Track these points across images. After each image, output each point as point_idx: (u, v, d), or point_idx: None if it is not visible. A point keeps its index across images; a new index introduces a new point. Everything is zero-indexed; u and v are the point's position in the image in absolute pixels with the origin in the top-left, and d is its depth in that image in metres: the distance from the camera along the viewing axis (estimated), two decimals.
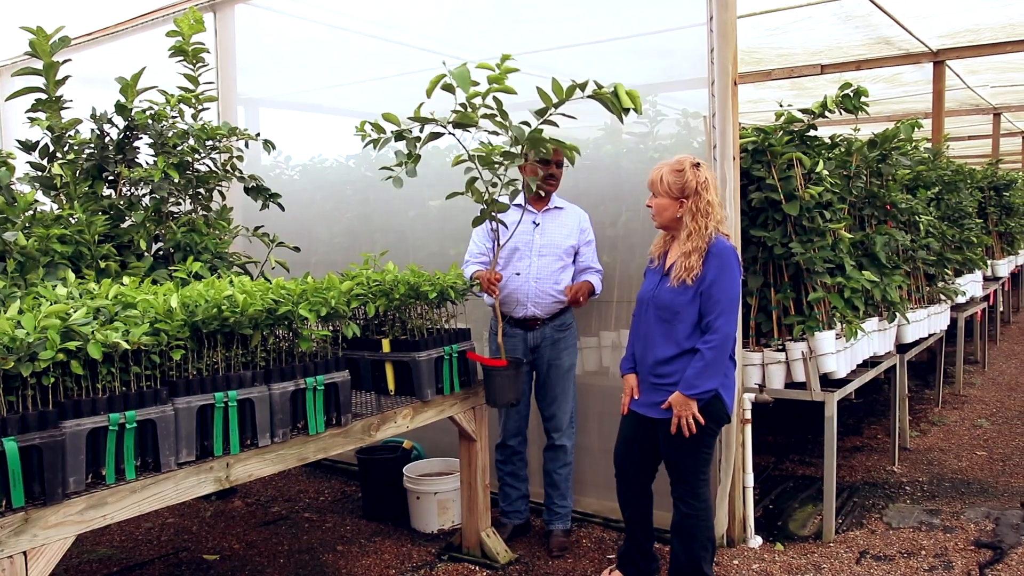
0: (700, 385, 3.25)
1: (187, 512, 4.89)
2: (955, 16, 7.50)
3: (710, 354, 3.24)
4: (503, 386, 3.77)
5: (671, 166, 3.37)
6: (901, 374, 5.39)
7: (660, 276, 3.44)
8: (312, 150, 6.04)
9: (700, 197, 3.31)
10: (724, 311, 3.25)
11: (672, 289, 3.33)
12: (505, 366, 3.77)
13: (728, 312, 3.26)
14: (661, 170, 3.38)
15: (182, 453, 2.77)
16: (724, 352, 3.28)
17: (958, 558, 3.98)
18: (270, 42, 6.09)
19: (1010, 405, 6.96)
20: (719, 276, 3.25)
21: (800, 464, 5.61)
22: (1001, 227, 9.26)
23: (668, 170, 3.36)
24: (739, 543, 4.15)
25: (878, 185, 5.22)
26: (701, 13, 3.92)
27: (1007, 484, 5.03)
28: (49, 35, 3.82)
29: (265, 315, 2.99)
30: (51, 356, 2.38)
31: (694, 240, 3.30)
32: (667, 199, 3.36)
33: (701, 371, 3.25)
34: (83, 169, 3.82)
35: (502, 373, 3.76)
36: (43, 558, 2.40)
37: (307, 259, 5.54)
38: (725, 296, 3.25)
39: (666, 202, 3.37)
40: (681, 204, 3.34)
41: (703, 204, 3.31)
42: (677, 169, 3.35)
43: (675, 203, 3.35)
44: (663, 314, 3.36)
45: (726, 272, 3.27)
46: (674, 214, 3.37)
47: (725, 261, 3.28)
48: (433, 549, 4.25)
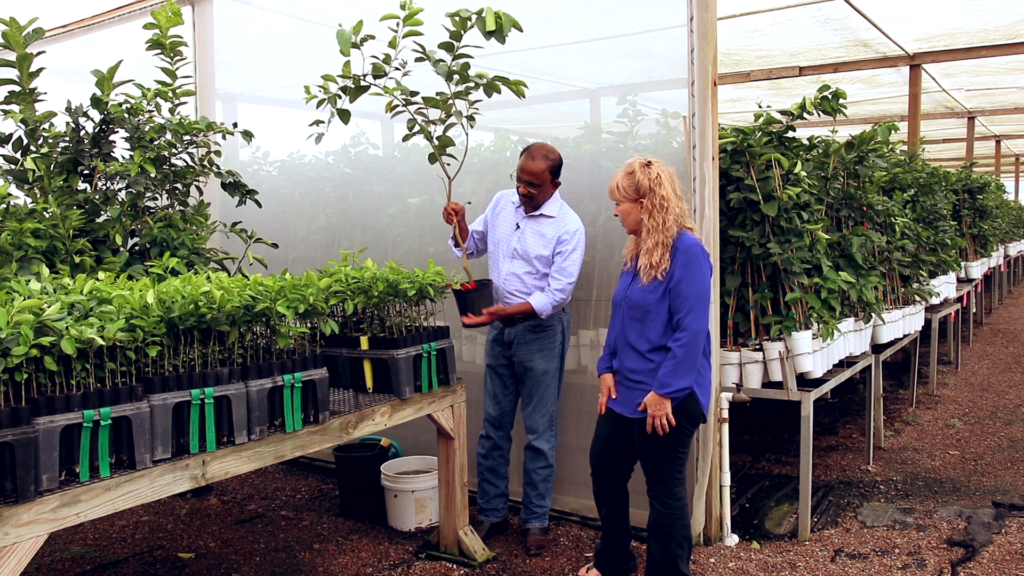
0: (673, 383, 3.26)
1: (162, 510, 4.85)
2: (931, 20, 7.59)
3: (681, 352, 3.26)
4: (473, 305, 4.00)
5: (623, 171, 3.43)
6: (876, 374, 5.44)
7: (632, 277, 3.46)
8: (291, 146, 6.01)
9: (654, 193, 3.34)
10: (692, 308, 3.26)
11: (643, 288, 3.35)
12: (474, 288, 3.99)
13: (697, 308, 3.27)
14: (616, 178, 3.44)
15: (158, 450, 2.74)
16: (695, 349, 3.28)
17: (931, 556, 4.02)
18: (249, 37, 6.05)
19: (982, 405, 7.05)
20: (685, 273, 3.27)
21: (776, 463, 5.65)
22: (975, 230, 9.38)
23: (621, 175, 3.41)
24: (716, 541, 4.17)
25: (855, 187, 5.26)
26: (682, 14, 3.93)
27: (979, 483, 5.09)
28: (23, 26, 3.76)
29: (242, 312, 2.96)
30: (24, 352, 2.35)
31: (654, 236, 3.33)
32: (628, 203, 3.41)
33: (673, 369, 3.27)
34: (58, 163, 3.77)
35: (469, 295, 3.98)
36: (14, 556, 2.37)
37: (285, 256, 5.52)
38: (693, 292, 3.27)
39: (628, 206, 3.42)
40: (640, 204, 3.38)
41: (657, 200, 3.34)
42: (628, 172, 3.40)
43: (635, 205, 3.39)
44: (635, 313, 3.38)
45: (692, 268, 3.28)
46: (637, 216, 3.40)
47: (691, 257, 3.29)
48: (410, 547, 4.24)
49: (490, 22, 3.43)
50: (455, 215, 4.07)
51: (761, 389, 4.30)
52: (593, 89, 5.01)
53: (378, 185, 5.40)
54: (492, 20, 3.43)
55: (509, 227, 4.14)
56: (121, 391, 2.63)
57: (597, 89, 4.99)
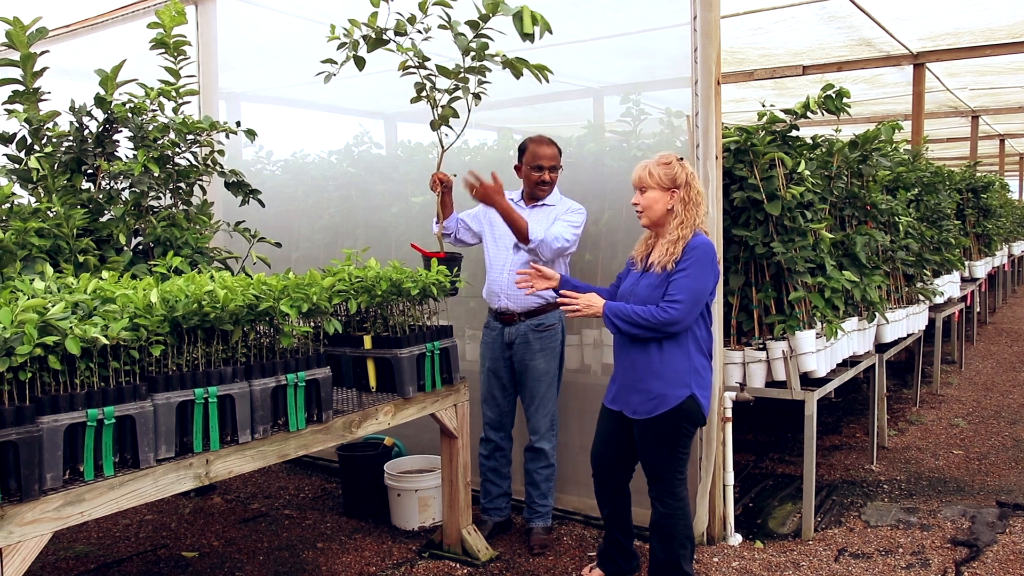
0: (616, 319, 3.28)
1: (166, 509, 4.85)
2: (935, 19, 7.57)
3: (646, 319, 3.22)
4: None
5: (657, 160, 3.38)
6: (880, 373, 5.43)
7: (640, 275, 3.43)
8: (294, 145, 6.01)
9: (691, 187, 3.34)
10: (684, 299, 3.20)
11: (650, 284, 3.33)
12: (442, 256, 3.91)
13: (687, 302, 3.21)
14: (647, 166, 3.38)
15: (161, 449, 2.74)
16: (655, 330, 3.23)
17: (935, 556, 4.02)
18: (252, 36, 6.05)
19: (986, 405, 7.04)
20: (689, 268, 3.24)
21: (780, 462, 5.65)
22: (979, 229, 9.36)
23: (655, 163, 3.37)
24: (719, 541, 4.17)
25: (859, 186, 5.26)
26: (685, 13, 3.92)
27: (983, 483, 5.08)
28: (26, 26, 3.77)
29: (246, 311, 2.97)
30: (28, 351, 2.35)
31: (683, 228, 3.30)
32: (659, 191, 3.34)
33: (630, 316, 3.25)
34: (61, 162, 3.78)
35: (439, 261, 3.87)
36: (19, 555, 2.37)
37: (289, 255, 5.52)
38: (690, 287, 3.22)
39: (657, 194, 3.35)
40: (673, 194, 3.34)
41: (693, 193, 3.34)
42: (665, 162, 3.36)
43: (667, 194, 3.35)
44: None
45: (698, 267, 3.25)
46: (665, 205, 3.34)
47: (701, 258, 3.26)
48: (414, 546, 4.24)
49: (527, 23, 3.37)
50: (440, 184, 4.03)
51: (765, 388, 4.29)
52: (596, 88, 5.01)
53: (381, 184, 5.40)
54: (529, 21, 3.36)
55: None
56: (125, 390, 2.64)
57: (600, 88, 4.99)
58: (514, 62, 3.62)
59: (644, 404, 3.33)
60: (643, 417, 3.34)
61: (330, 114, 6.18)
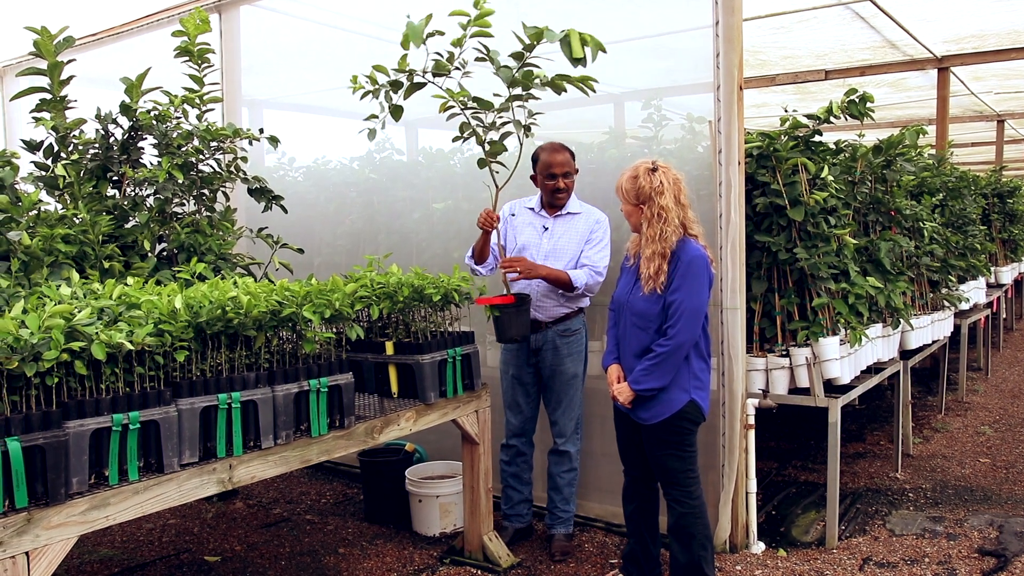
0: (644, 383, 3.30)
1: (189, 513, 4.88)
2: (960, 21, 7.49)
3: (659, 358, 3.26)
4: (506, 322, 3.84)
5: (629, 172, 3.37)
6: (905, 380, 5.38)
7: (635, 279, 3.43)
8: (316, 152, 6.04)
9: (653, 202, 3.28)
10: (681, 320, 3.23)
11: (645, 298, 3.33)
12: (512, 302, 3.82)
13: (685, 321, 3.23)
14: (620, 179, 3.40)
15: (185, 454, 2.76)
16: (674, 357, 3.27)
17: (962, 566, 3.96)
18: (275, 43, 6.09)
19: (1013, 412, 6.94)
20: (682, 285, 3.24)
21: (803, 470, 5.60)
22: (1005, 234, 9.24)
23: (626, 177, 3.37)
24: (742, 549, 4.13)
25: (883, 191, 5.21)
26: (707, 17, 3.91)
27: (1011, 491, 5.01)
28: (53, 35, 3.82)
29: (269, 317, 2.98)
30: (55, 356, 2.37)
31: (651, 245, 3.29)
32: (629, 206, 3.38)
33: (648, 370, 3.29)
34: (87, 169, 3.82)
35: (506, 310, 3.82)
36: (45, 558, 2.39)
37: (311, 261, 5.55)
38: (685, 306, 3.23)
39: (628, 208, 3.39)
40: (640, 209, 3.34)
41: (656, 209, 3.28)
42: (632, 176, 3.35)
43: (636, 209, 3.36)
44: (638, 321, 3.37)
45: (689, 280, 3.25)
46: (638, 219, 3.37)
47: (690, 269, 3.25)
48: (435, 552, 4.24)
49: (576, 48, 3.17)
50: (496, 222, 3.91)
51: (788, 395, 4.26)
52: (617, 94, 5.00)
53: (403, 190, 5.42)
54: (579, 45, 3.17)
55: (535, 231, 4.12)
56: (149, 395, 2.66)
57: (621, 94, 4.98)
58: (555, 81, 3.47)
59: (647, 411, 3.37)
60: (647, 423, 3.38)
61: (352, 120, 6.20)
